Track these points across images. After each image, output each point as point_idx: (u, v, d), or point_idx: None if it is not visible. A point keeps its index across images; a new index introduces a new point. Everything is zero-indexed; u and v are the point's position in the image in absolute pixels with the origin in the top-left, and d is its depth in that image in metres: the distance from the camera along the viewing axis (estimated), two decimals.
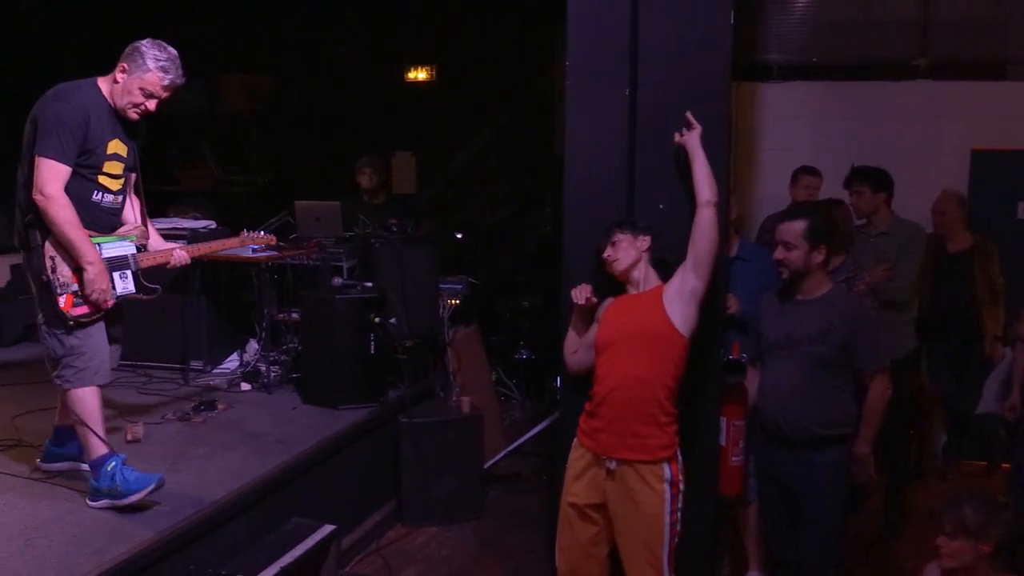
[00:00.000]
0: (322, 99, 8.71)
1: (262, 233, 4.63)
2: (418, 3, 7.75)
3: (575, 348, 3.65)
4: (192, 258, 4.08)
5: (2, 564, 3.25)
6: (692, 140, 3.45)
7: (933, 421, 5.94)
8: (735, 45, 3.56)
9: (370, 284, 5.37)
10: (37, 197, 3.51)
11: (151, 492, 3.63)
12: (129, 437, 4.47)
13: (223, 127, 9.44)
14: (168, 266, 3.96)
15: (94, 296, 3.61)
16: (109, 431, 4.58)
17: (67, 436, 4.01)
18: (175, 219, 6.18)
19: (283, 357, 5.60)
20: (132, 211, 3.96)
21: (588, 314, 3.59)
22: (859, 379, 3.62)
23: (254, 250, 5.39)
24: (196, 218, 6.25)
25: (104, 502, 3.67)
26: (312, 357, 5.31)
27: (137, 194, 3.99)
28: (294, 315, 5.58)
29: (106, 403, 5.03)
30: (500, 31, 7.82)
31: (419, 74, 8.82)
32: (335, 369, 5.14)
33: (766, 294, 3.81)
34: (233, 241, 4.53)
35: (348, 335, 5.13)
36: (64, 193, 3.53)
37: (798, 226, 3.53)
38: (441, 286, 6.03)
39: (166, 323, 5.70)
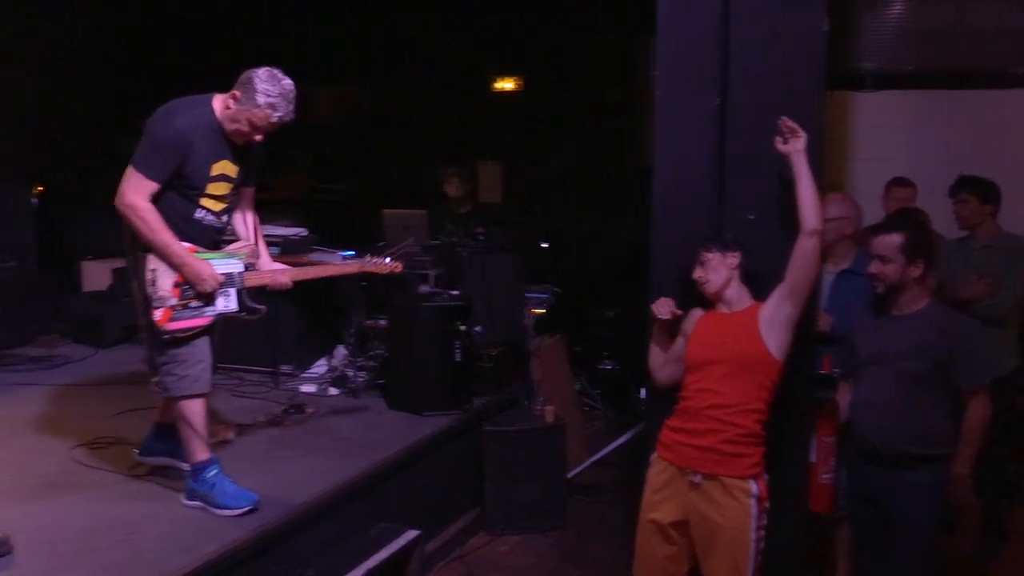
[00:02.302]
0: (410, 109, 8.80)
1: (388, 260, 4.28)
2: (505, 14, 7.76)
3: (662, 362, 3.56)
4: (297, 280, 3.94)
5: (101, 557, 3.34)
6: (797, 155, 3.22)
7: None
8: (828, 54, 3.46)
9: (456, 292, 5.38)
10: (118, 203, 3.49)
11: (244, 513, 3.66)
12: (220, 438, 4.55)
13: (315, 137, 9.62)
14: (267, 289, 3.87)
15: (207, 287, 3.58)
16: None
17: (166, 432, 4.03)
18: (269, 226, 6.29)
19: (370, 363, 5.65)
20: (245, 226, 3.92)
21: (671, 327, 3.51)
22: (957, 397, 3.48)
23: (344, 257, 5.44)
24: (288, 225, 6.36)
25: (198, 503, 3.74)
26: (398, 364, 5.34)
27: (253, 210, 3.95)
28: (381, 322, 5.63)
29: None
30: (587, 40, 7.78)
31: (506, 84, 8.83)
32: (421, 376, 5.16)
33: (859, 308, 3.69)
34: (352, 266, 4.26)
35: (434, 342, 5.15)
36: (148, 204, 3.48)
37: (895, 239, 3.39)
38: (526, 295, 6.01)
39: (258, 328, 5.78)
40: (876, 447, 3.47)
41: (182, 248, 3.57)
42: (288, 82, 3.57)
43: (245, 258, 3.82)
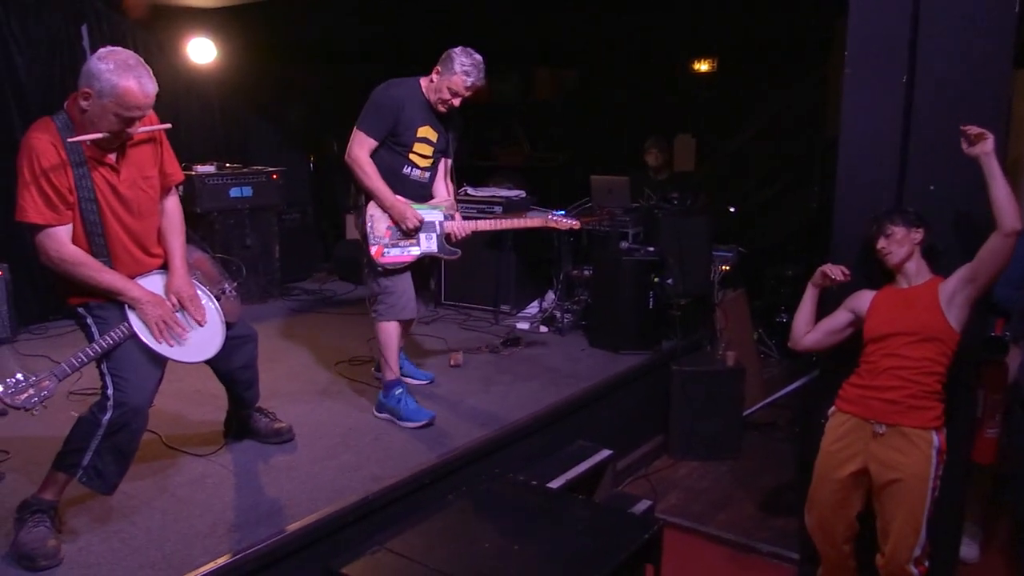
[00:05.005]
0: (617, 89, 8.71)
1: (564, 216, 4.39)
2: (702, 3, 7.47)
3: (807, 330, 3.35)
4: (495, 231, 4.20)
5: (358, 449, 3.60)
6: (987, 157, 2.83)
7: None
8: (1016, 32, 3.11)
9: (652, 249, 5.33)
10: (346, 158, 3.81)
11: (422, 427, 3.81)
12: (452, 362, 4.77)
13: (534, 112, 9.71)
14: (453, 239, 3.99)
15: (408, 225, 3.81)
16: (439, 355, 4.93)
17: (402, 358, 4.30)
18: (493, 188, 6.47)
19: (575, 307, 5.71)
20: (446, 190, 4.08)
21: (823, 298, 3.32)
22: None
23: (554, 215, 5.49)
24: (510, 188, 6.50)
25: (386, 416, 3.93)
26: (599, 308, 5.37)
27: (451, 180, 4.11)
28: (586, 272, 5.68)
29: (435, 335, 5.40)
30: (778, 24, 7.37)
31: (702, 66, 8.56)
32: (618, 319, 5.17)
33: None
34: (536, 220, 4.39)
35: (631, 291, 5.14)
36: (367, 157, 3.76)
37: None
38: (714, 253, 5.86)
39: (483, 273, 6.00)
40: None
41: (392, 194, 3.82)
42: (478, 56, 3.78)
43: (445, 210, 4.00)
